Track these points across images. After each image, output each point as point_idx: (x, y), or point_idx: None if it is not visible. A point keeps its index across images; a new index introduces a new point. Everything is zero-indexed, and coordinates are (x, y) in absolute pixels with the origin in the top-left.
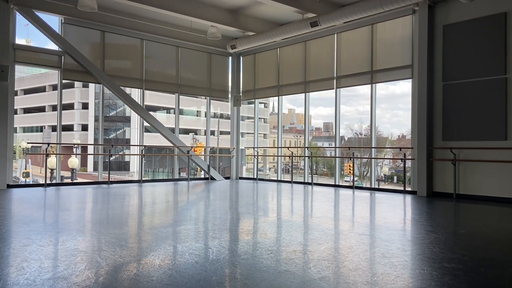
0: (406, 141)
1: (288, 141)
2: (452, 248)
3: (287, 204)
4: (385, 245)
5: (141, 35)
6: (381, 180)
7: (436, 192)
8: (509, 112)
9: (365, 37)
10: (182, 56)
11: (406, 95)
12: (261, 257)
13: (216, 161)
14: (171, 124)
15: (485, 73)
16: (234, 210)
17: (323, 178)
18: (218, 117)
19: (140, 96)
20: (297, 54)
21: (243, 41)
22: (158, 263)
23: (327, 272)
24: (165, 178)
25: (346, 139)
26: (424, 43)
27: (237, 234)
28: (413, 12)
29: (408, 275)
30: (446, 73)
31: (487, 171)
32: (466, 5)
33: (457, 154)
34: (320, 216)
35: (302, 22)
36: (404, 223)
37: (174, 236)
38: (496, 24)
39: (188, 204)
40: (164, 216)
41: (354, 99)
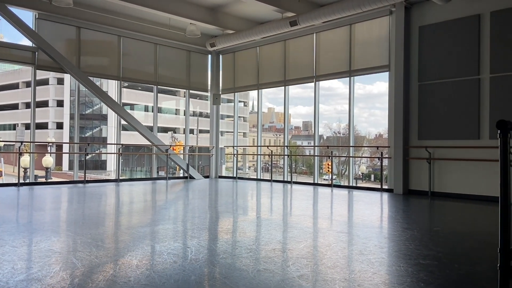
0: (383, 140)
1: (268, 140)
2: (427, 245)
3: (266, 203)
4: (363, 243)
5: (118, 32)
6: (359, 178)
7: (412, 190)
8: (482, 112)
9: (343, 37)
10: (160, 53)
11: (383, 94)
12: (240, 256)
13: (195, 160)
14: (149, 122)
15: (459, 73)
16: (213, 209)
17: (302, 177)
18: (197, 116)
19: (117, 93)
20: (276, 53)
21: (222, 39)
22: (135, 264)
23: (306, 270)
24: (143, 177)
25: (325, 138)
26: (401, 43)
27: (216, 233)
28: (390, 13)
29: (385, 272)
30: (421, 74)
31: (460, 170)
32: (441, 7)
33: (432, 153)
34: (299, 215)
35: (282, 21)
36: (381, 221)
37: (152, 235)
38: (470, 26)
39: (167, 203)
40: (142, 215)
41: (333, 98)
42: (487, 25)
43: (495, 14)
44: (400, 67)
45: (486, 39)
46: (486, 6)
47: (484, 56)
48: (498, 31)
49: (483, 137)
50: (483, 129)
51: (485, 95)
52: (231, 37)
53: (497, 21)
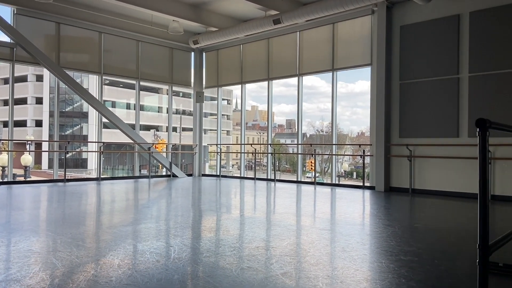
0: (365, 138)
1: (251, 138)
2: (408, 241)
3: (250, 201)
4: (345, 240)
5: (99, 28)
6: (342, 176)
7: (393, 187)
8: (461, 111)
9: (326, 36)
10: (142, 50)
11: (365, 93)
12: (223, 254)
13: (178, 158)
14: (131, 120)
15: (439, 73)
16: (196, 208)
17: (286, 175)
18: (180, 114)
19: (98, 90)
20: (260, 51)
21: (205, 36)
22: (117, 263)
23: (289, 268)
24: (125, 175)
25: (308, 136)
26: (382, 42)
27: (199, 231)
28: (372, 13)
29: (367, 268)
30: (403, 72)
31: (440, 167)
32: (422, 7)
33: (412, 151)
34: (282, 212)
35: (265, 19)
36: (363, 218)
37: (134, 235)
38: (449, 25)
39: (149, 202)
40: (124, 214)
41: (315, 96)
42: (466, 25)
43: (474, 15)
44: (381, 65)
45: (465, 39)
46: (465, 7)
47: (463, 56)
48: (476, 31)
49: (462, 135)
50: (462, 128)
51: (464, 94)
52: (214, 34)
53: (476, 21)
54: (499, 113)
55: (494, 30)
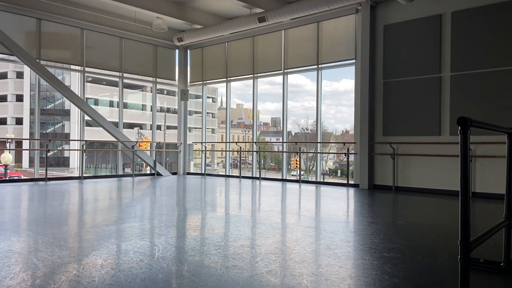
0: (350, 136)
1: (237, 136)
2: (391, 238)
3: (235, 199)
4: (330, 237)
5: (81, 24)
6: (326, 174)
7: (377, 185)
8: (443, 109)
9: (311, 34)
10: (126, 47)
11: (349, 91)
12: (208, 253)
13: (162, 157)
14: (114, 118)
15: (422, 71)
16: (181, 206)
17: (271, 173)
18: (164, 111)
19: (80, 88)
20: (245, 49)
21: (190, 34)
22: (100, 263)
23: (274, 266)
24: (108, 174)
25: (293, 134)
26: (366, 41)
27: (184, 230)
28: (356, 12)
29: (351, 265)
30: (386, 71)
31: (423, 165)
32: (405, 7)
33: (396, 149)
34: (267, 210)
35: (250, 17)
36: (347, 215)
37: (117, 234)
38: (432, 25)
39: (133, 200)
40: (107, 213)
41: (300, 95)
42: (448, 25)
43: (456, 15)
44: (365, 64)
45: (447, 38)
46: (448, 7)
47: (445, 55)
48: (458, 31)
49: (444, 133)
50: (443, 126)
51: (445, 93)
52: (199, 32)
53: (458, 21)
54: (480, 112)
55: (475, 30)
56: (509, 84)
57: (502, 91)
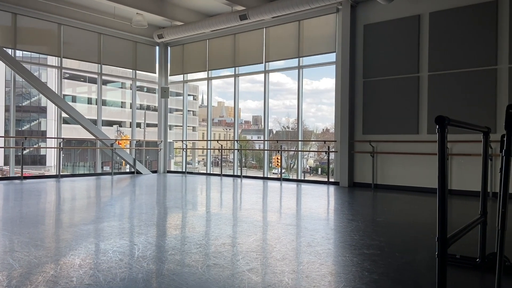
0: (330, 134)
1: (218, 134)
2: (371, 235)
3: (216, 197)
4: (311, 235)
5: (58, 20)
6: (307, 172)
7: (357, 183)
8: (421, 109)
9: (292, 33)
10: (104, 43)
11: (330, 90)
12: (189, 251)
13: (142, 155)
14: (93, 115)
15: (401, 71)
16: (161, 205)
17: (252, 171)
18: (144, 109)
19: (57, 84)
20: (226, 47)
21: (170, 31)
22: (78, 263)
23: (256, 264)
24: (87, 172)
25: (274, 132)
26: (347, 41)
27: (164, 229)
28: (337, 11)
29: (332, 263)
30: (366, 70)
31: (401, 163)
32: (385, 7)
33: (375, 147)
34: (248, 208)
35: (231, 14)
36: (328, 213)
37: (96, 233)
38: (410, 25)
39: (112, 199)
40: (85, 212)
41: (281, 93)
42: (426, 26)
43: (434, 15)
44: (346, 63)
45: (425, 38)
46: (426, 7)
47: (423, 55)
48: (436, 31)
49: (422, 132)
50: (421, 125)
51: (423, 92)
52: (179, 29)
53: (436, 22)
54: (456, 111)
55: (453, 31)
56: (484, 84)
57: (477, 91)
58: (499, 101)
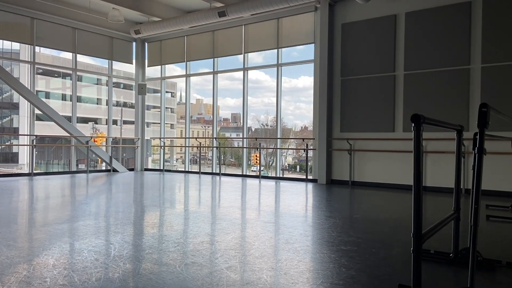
0: (309, 132)
1: (196, 132)
2: (348, 232)
3: (194, 195)
4: (289, 232)
5: (31, 14)
6: (286, 169)
7: (335, 180)
8: (397, 107)
9: (271, 31)
10: (79, 39)
11: (308, 88)
12: (167, 250)
13: (119, 152)
14: (67, 112)
15: (377, 70)
16: (138, 203)
17: (231, 168)
18: (121, 106)
19: (30, 80)
20: (205, 44)
21: (148, 26)
22: (52, 263)
23: (234, 261)
24: (61, 170)
25: (253, 130)
26: (325, 39)
27: (141, 228)
28: (315, 9)
29: (310, 259)
30: (344, 69)
31: (378, 160)
32: (362, 6)
33: (352, 145)
34: (227, 206)
35: (210, 11)
36: (306, 210)
37: (70, 233)
38: (387, 25)
39: (87, 198)
40: (60, 211)
41: (260, 91)
42: (402, 25)
43: (410, 15)
44: (324, 62)
45: (401, 38)
46: (402, 7)
47: (399, 54)
48: (411, 31)
49: (397, 130)
50: (397, 123)
51: (399, 91)
52: (157, 24)
53: (411, 22)
54: (431, 109)
55: (428, 31)
56: (458, 84)
57: (451, 90)
58: (471, 100)
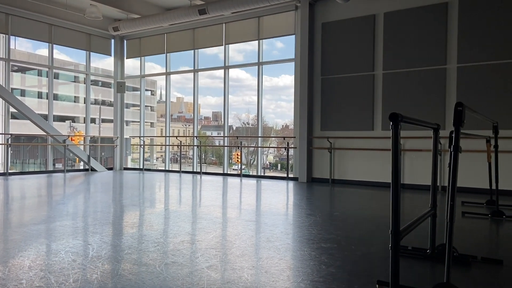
0: (289, 130)
1: (177, 130)
2: (328, 229)
3: (175, 194)
4: (270, 230)
5: (5, 9)
6: (267, 167)
7: (315, 178)
8: (376, 106)
9: (252, 29)
10: (56, 35)
11: (289, 87)
12: (146, 250)
13: (97, 151)
14: (43, 110)
15: (357, 69)
16: (117, 203)
17: (212, 167)
18: (99, 104)
19: (4, 77)
20: (185, 41)
21: (127, 24)
22: (28, 264)
23: (215, 260)
24: (37, 170)
25: (235, 129)
26: (305, 38)
27: (120, 227)
28: (296, 9)
29: (290, 257)
30: (324, 68)
31: (357, 158)
32: (342, 5)
33: (333, 143)
34: (208, 205)
35: (190, 9)
36: (287, 208)
37: (47, 233)
38: (366, 25)
39: (65, 198)
40: (36, 212)
41: (241, 89)
42: (381, 25)
43: (388, 15)
44: (304, 61)
45: (380, 38)
46: (381, 8)
47: (378, 54)
48: (390, 31)
49: (376, 128)
50: (376, 121)
51: (378, 90)
52: (136, 22)
53: (390, 22)
54: (409, 108)
55: (406, 31)
56: (434, 83)
57: (428, 89)
58: (448, 99)
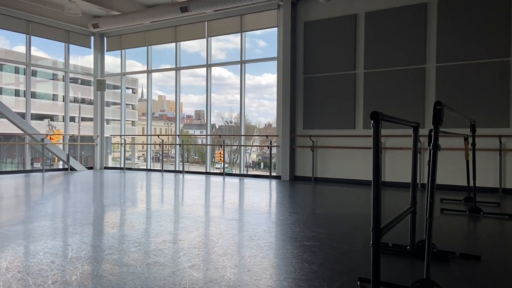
0: (272, 129)
1: (159, 129)
2: (311, 227)
3: (157, 194)
4: (253, 229)
5: None
6: (250, 166)
7: (298, 176)
8: (357, 104)
9: (234, 28)
10: (33, 32)
11: (271, 85)
12: (128, 250)
13: (77, 150)
14: (21, 108)
15: (338, 68)
16: (97, 203)
17: (195, 166)
18: (79, 102)
19: None
20: (167, 39)
21: (106, 20)
22: (5, 266)
23: (197, 260)
24: (15, 169)
25: (217, 127)
26: (288, 37)
27: (101, 228)
28: (278, 7)
29: (273, 255)
30: (306, 67)
31: (339, 157)
32: (324, 5)
33: (315, 141)
34: (190, 204)
35: (172, 6)
36: (270, 207)
37: (25, 234)
38: (347, 24)
39: (43, 198)
40: (13, 212)
41: (223, 88)
42: (362, 25)
43: (369, 15)
44: (287, 59)
45: (361, 37)
46: (362, 7)
47: (359, 53)
48: (371, 30)
49: (358, 127)
50: (357, 120)
51: (359, 89)
52: (116, 19)
53: (371, 21)
54: (389, 107)
55: (386, 30)
56: (414, 82)
57: (408, 88)
58: (427, 98)
